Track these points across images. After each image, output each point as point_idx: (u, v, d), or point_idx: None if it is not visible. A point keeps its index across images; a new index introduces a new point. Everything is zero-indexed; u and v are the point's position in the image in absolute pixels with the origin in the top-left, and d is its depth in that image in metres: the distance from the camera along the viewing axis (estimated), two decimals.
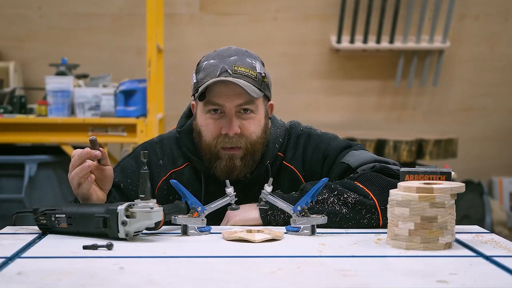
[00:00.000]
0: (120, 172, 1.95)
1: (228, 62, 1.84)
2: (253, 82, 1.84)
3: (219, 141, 1.86)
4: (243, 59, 1.86)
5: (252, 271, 1.33)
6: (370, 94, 4.96)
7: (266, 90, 1.90)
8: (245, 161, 1.88)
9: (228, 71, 1.83)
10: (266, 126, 1.93)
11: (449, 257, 1.46)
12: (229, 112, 1.85)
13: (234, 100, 1.84)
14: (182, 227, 1.68)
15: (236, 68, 1.84)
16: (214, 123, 1.87)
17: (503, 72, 4.97)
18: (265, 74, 1.88)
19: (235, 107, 1.85)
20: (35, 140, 3.85)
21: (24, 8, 4.74)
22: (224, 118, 1.86)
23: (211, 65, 1.85)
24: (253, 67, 1.86)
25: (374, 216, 1.77)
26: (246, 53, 1.89)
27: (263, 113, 1.91)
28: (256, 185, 1.92)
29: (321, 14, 4.87)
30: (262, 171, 1.94)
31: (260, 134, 1.89)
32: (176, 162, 1.96)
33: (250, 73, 1.84)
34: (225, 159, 1.87)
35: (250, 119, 1.87)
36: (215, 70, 1.84)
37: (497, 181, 4.97)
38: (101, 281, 1.26)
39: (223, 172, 1.88)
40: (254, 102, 1.86)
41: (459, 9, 4.88)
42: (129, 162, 1.97)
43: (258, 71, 1.86)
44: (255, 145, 1.88)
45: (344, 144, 1.97)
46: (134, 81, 3.81)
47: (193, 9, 4.82)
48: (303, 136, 1.99)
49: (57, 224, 1.65)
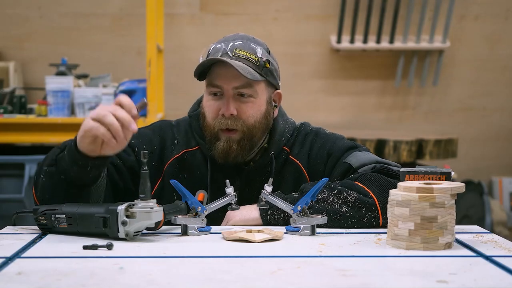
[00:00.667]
0: (137, 136, 1.93)
1: (231, 46, 1.90)
2: (252, 65, 1.88)
3: (216, 122, 1.90)
4: (247, 43, 1.91)
5: (252, 271, 1.33)
6: (370, 94, 4.96)
7: (269, 76, 1.93)
8: (242, 144, 1.90)
9: (228, 53, 1.88)
10: (267, 112, 1.95)
11: (449, 257, 1.46)
12: (226, 94, 1.89)
13: (231, 82, 1.88)
14: (182, 227, 1.68)
15: (237, 51, 1.88)
16: (214, 104, 1.91)
17: (503, 72, 4.97)
18: (268, 60, 1.91)
19: (232, 89, 1.89)
20: (35, 140, 3.85)
21: (24, 8, 4.74)
22: (223, 99, 1.90)
23: (215, 49, 1.91)
24: (255, 51, 1.90)
25: (374, 215, 1.77)
26: (252, 39, 1.95)
27: (264, 99, 1.93)
28: (260, 175, 1.94)
29: (321, 14, 4.87)
30: (267, 161, 1.96)
31: (259, 119, 1.92)
32: (190, 143, 1.99)
33: (250, 57, 1.89)
34: (223, 141, 1.90)
35: (248, 102, 1.90)
36: (218, 52, 1.89)
37: (497, 181, 4.97)
38: (101, 281, 1.26)
39: (220, 154, 1.91)
40: (253, 86, 1.89)
41: (459, 9, 4.88)
42: (147, 132, 2.00)
43: (259, 56, 1.90)
44: (252, 129, 1.91)
45: (350, 144, 2.00)
46: (134, 81, 3.81)
47: (193, 9, 4.82)
48: (311, 134, 2.02)
49: (57, 224, 1.65)
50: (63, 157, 1.71)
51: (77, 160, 1.67)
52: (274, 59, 1.97)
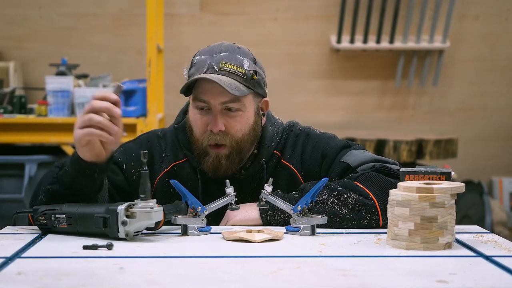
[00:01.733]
0: (123, 153, 1.95)
1: (216, 59, 1.85)
2: (239, 79, 1.84)
3: (205, 138, 1.87)
4: (232, 56, 1.86)
5: (252, 271, 1.33)
6: (370, 94, 4.96)
7: (257, 88, 1.89)
8: (231, 159, 1.88)
9: (214, 67, 1.84)
10: (255, 124, 1.92)
11: (449, 257, 1.46)
12: (214, 109, 1.86)
13: (218, 98, 1.84)
14: (182, 227, 1.68)
15: (223, 65, 1.84)
16: (201, 119, 1.88)
17: (503, 72, 4.97)
18: (255, 71, 1.87)
19: (220, 105, 1.85)
20: (35, 140, 3.85)
21: (24, 8, 4.74)
22: (210, 114, 1.87)
23: (200, 61, 1.87)
24: (241, 64, 1.85)
25: (374, 217, 1.77)
26: (237, 50, 1.89)
27: (252, 111, 1.90)
28: (252, 182, 1.92)
29: (321, 14, 4.87)
30: (257, 168, 1.94)
31: (247, 132, 1.89)
32: (177, 155, 1.97)
33: (237, 70, 1.84)
34: (212, 157, 1.88)
35: (236, 117, 1.87)
36: (203, 66, 1.85)
37: (497, 181, 4.97)
38: (101, 281, 1.26)
39: (209, 169, 1.89)
40: (240, 100, 1.86)
41: (459, 9, 4.88)
42: (133, 146, 1.98)
43: (246, 68, 1.85)
44: (241, 143, 1.88)
45: (343, 143, 1.97)
46: (134, 81, 3.81)
47: (193, 9, 4.82)
48: (302, 136, 1.99)
49: (57, 224, 1.65)
50: (66, 173, 1.71)
51: (84, 170, 1.68)
52: (261, 67, 1.92)
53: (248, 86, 1.85)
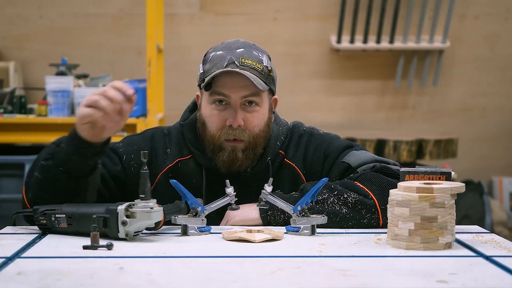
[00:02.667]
0: (126, 144, 1.95)
1: (235, 54, 1.85)
2: (259, 75, 1.85)
3: (223, 133, 1.87)
4: (250, 52, 1.87)
5: (252, 271, 1.33)
6: (370, 94, 4.95)
7: (272, 84, 1.91)
8: (246, 153, 1.88)
9: (235, 62, 1.84)
10: (269, 120, 1.93)
11: (449, 257, 1.46)
12: (234, 104, 1.86)
13: (240, 92, 1.85)
14: (182, 227, 1.68)
15: (243, 60, 1.84)
16: (219, 114, 1.87)
17: (503, 72, 4.97)
18: (271, 68, 1.90)
19: (240, 99, 1.85)
20: (35, 140, 3.85)
21: (24, 8, 4.74)
22: (229, 109, 1.86)
23: (218, 56, 1.86)
24: (260, 60, 1.87)
25: (374, 216, 1.77)
26: (253, 46, 1.91)
27: (267, 107, 1.92)
28: (257, 181, 1.92)
29: (321, 14, 4.87)
30: (263, 167, 1.94)
31: (263, 128, 1.90)
32: (182, 152, 1.97)
33: (256, 66, 1.85)
34: (227, 151, 1.87)
35: (254, 112, 1.88)
36: (222, 61, 1.85)
37: (497, 181, 4.97)
38: (101, 281, 1.26)
39: (224, 163, 1.88)
40: (260, 95, 1.87)
41: (459, 9, 4.88)
42: (137, 139, 1.98)
43: (265, 64, 1.87)
44: (257, 138, 1.89)
45: (346, 144, 1.98)
46: (134, 81, 3.81)
47: (193, 9, 4.82)
48: (306, 135, 2.00)
49: (57, 224, 1.65)
50: (61, 149, 1.72)
51: (79, 148, 1.68)
52: (272, 65, 1.94)
53: (266, 82, 1.87)
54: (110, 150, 1.92)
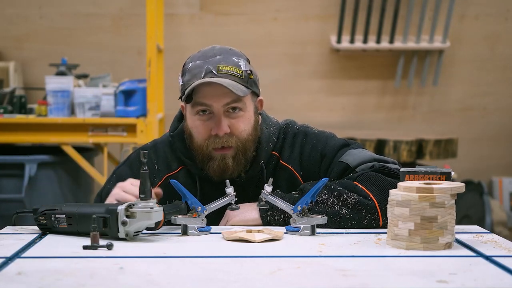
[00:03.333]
0: (115, 181, 1.94)
1: (212, 62, 1.84)
2: (238, 80, 1.84)
3: (209, 142, 1.86)
4: (228, 58, 1.86)
5: (252, 271, 1.33)
6: (370, 94, 4.95)
7: (254, 87, 1.89)
8: (237, 160, 1.87)
9: (213, 71, 1.83)
10: (256, 122, 1.92)
11: (449, 257, 1.46)
12: (217, 112, 1.85)
13: (221, 100, 1.84)
14: (182, 227, 1.68)
15: (221, 67, 1.83)
16: (203, 124, 1.87)
17: (503, 72, 4.97)
18: (251, 71, 1.88)
19: (222, 107, 1.85)
20: (35, 140, 3.85)
21: (24, 8, 4.74)
22: (213, 118, 1.86)
23: (196, 66, 1.86)
24: (238, 65, 1.86)
25: (374, 217, 1.77)
26: (230, 52, 1.89)
27: (252, 110, 1.90)
28: (252, 185, 1.92)
29: (321, 14, 4.87)
30: (257, 170, 1.93)
31: (250, 132, 1.89)
32: (170, 166, 1.96)
33: (235, 71, 1.84)
34: (217, 160, 1.86)
35: (239, 117, 1.87)
36: (200, 71, 1.84)
37: (497, 181, 4.97)
38: (101, 281, 1.26)
39: (216, 173, 1.87)
40: (242, 100, 1.86)
41: (459, 9, 4.88)
42: (124, 169, 1.98)
43: (244, 68, 1.86)
44: (246, 143, 1.88)
45: (342, 142, 1.97)
46: (134, 81, 3.81)
47: (193, 9, 4.82)
48: (300, 135, 1.99)
49: (57, 224, 1.65)
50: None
51: None
52: (252, 67, 1.92)
53: (246, 86, 1.86)
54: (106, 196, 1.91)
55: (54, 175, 3.83)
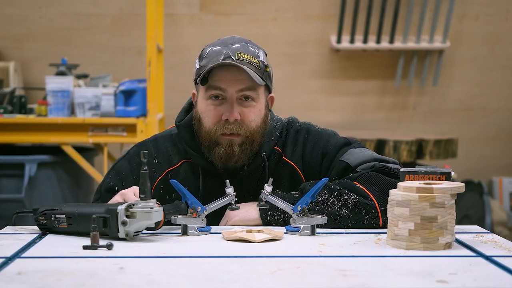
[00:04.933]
0: (114, 175, 1.95)
1: (231, 49, 1.85)
2: (255, 69, 1.84)
3: (219, 127, 1.86)
4: (247, 47, 1.87)
5: (252, 271, 1.33)
6: (370, 94, 4.95)
7: (268, 80, 1.90)
8: (243, 148, 1.87)
9: (231, 56, 1.83)
10: (266, 117, 1.92)
11: (449, 257, 1.46)
12: (230, 98, 1.85)
13: (236, 85, 1.84)
14: (182, 227, 1.68)
15: (239, 54, 1.84)
16: (215, 109, 1.86)
17: (503, 72, 4.97)
18: (267, 64, 1.89)
19: (236, 92, 1.84)
20: (35, 140, 3.85)
21: (24, 8, 4.74)
22: (225, 104, 1.85)
23: (214, 51, 1.86)
24: (257, 55, 1.87)
25: (374, 217, 1.77)
26: (249, 42, 1.91)
27: (263, 103, 1.91)
28: (254, 179, 1.92)
29: (321, 14, 4.87)
30: (259, 163, 1.93)
31: (259, 124, 1.89)
32: (171, 160, 1.96)
33: (253, 61, 1.85)
34: (224, 145, 1.86)
35: (250, 107, 1.87)
36: (219, 55, 1.84)
37: (497, 181, 4.97)
38: (101, 281, 1.26)
39: (221, 158, 1.87)
40: (256, 89, 1.86)
41: (459, 9, 4.88)
42: (123, 164, 1.97)
43: (261, 59, 1.87)
44: (254, 134, 1.87)
45: (343, 141, 1.97)
46: (134, 81, 3.81)
47: (193, 9, 4.82)
48: (302, 132, 1.98)
49: (57, 224, 1.65)
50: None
51: None
52: (269, 62, 1.93)
53: (262, 77, 1.86)
54: (105, 191, 1.92)
55: (54, 175, 3.83)
